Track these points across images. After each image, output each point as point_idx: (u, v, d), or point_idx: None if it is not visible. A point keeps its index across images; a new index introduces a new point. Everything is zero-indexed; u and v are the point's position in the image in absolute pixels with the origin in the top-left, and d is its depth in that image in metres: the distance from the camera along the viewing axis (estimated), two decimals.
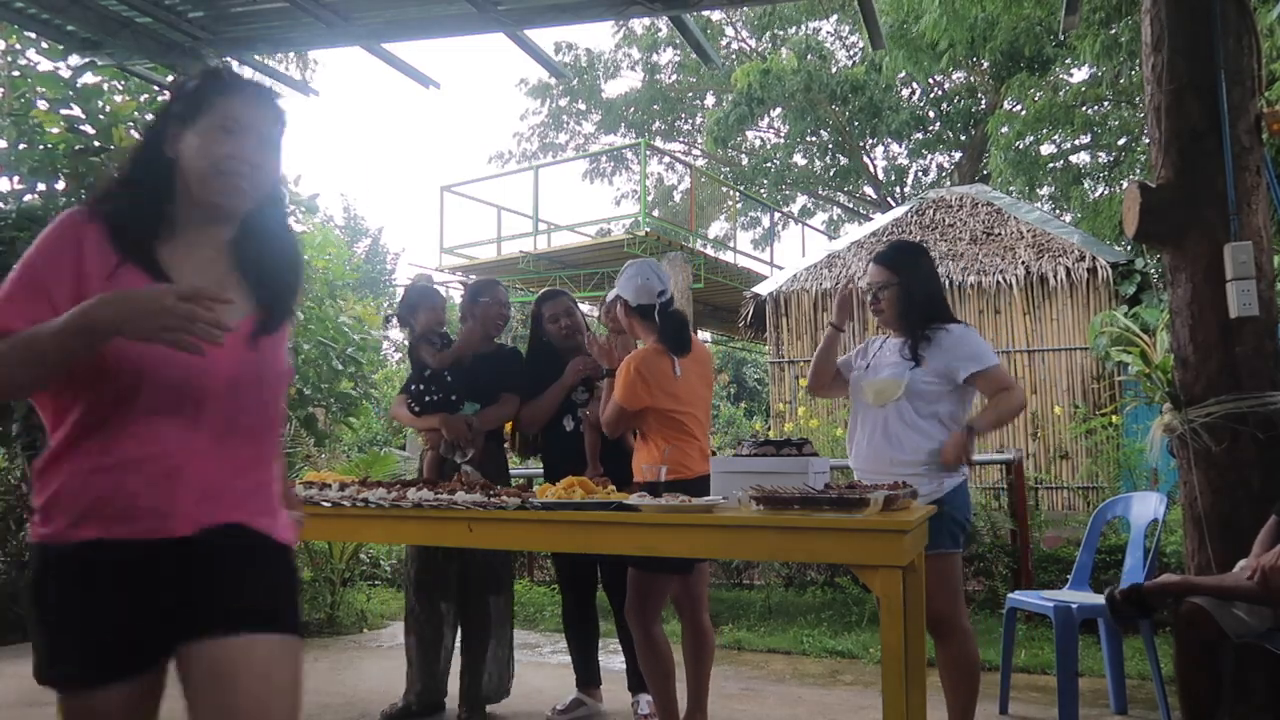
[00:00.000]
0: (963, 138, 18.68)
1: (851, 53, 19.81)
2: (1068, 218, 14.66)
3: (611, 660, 4.25)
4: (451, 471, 3.58)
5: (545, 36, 29.39)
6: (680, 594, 3.24)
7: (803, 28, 19.37)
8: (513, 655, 3.89)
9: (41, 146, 6.40)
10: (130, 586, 1.41)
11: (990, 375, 3.00)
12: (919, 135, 18.77)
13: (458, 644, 3.80)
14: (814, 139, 19.58)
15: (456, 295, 10.75)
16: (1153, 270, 8.99)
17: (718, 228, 23.59)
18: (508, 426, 3.94)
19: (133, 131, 6.70)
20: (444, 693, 3.85)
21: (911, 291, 3.09)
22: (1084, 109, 13.49)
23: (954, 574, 2.99)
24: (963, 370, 2.98)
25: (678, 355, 3.17)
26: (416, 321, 3.81)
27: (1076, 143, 14.70)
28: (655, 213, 20.33)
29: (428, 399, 3.71)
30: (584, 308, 5.60)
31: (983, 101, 17.86)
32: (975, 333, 3.11)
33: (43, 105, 6.57)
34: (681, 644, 3.24)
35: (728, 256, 15.29)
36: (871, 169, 20.42)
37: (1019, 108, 14.70)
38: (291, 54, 14.88)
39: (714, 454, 3.39)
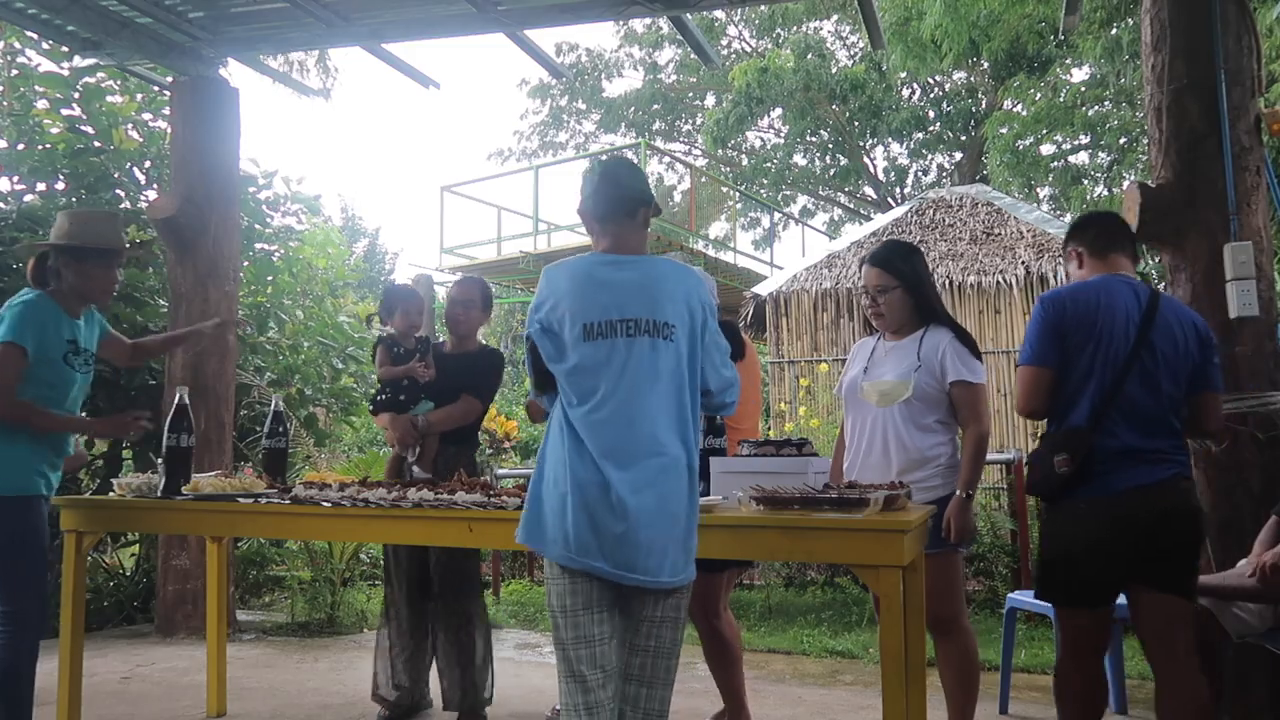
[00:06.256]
0: (963, 138, 18.67)
1: (852, 52, 19.79)
2: (1068, 218, 14.61)
3: None
4: (410, 471, 3.56)
5: (546, 37, 29.43)
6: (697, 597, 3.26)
7: (803, 27, 19.35)
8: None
9: (41, 146, 6.39)
10: None
11: (974, 391, 2.91)
12: (919, 135, 18.73)
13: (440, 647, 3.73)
14: (814, 139, 19.55)
15: None
16: (1153, 270, 8.98)
17: (718, 228, 23.56)
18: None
19: (132, 132, 6.69)
20: (427, 691, 3.82)
21: (912, 293, 3.03)
22: (1084, 109, 13.47)
23: (958, 573, 2.98)
24: (950, 374, 2.90)
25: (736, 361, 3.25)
26: (392, 322, 3.75)
27: (1076, 143, 14.69)
28: None
29: (379, 398, 3.69)
30: None
31: (983, 101, 17.84)
32: (968, 341, 3.00)
33: (42, 105, 6.56)
34: (703, 649, 3.39)
35: (728, 256, 15.25)
36: (871, 169, 20.40)
37: (1019, 108, 14.68)
38: (312, 61, 14.78)
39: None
